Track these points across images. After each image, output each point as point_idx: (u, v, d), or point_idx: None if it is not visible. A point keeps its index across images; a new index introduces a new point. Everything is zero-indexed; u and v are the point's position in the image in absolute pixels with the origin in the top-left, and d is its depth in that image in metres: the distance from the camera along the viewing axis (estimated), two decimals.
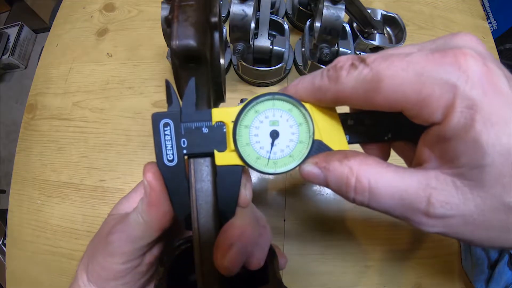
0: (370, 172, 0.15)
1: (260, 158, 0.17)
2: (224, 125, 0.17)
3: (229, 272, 0.16)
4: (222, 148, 0.17)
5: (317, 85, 0.16)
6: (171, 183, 0.17)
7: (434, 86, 0.13)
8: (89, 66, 0.49)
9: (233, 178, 0.17)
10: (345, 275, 0.38)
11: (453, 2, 0.54)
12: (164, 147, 0.16)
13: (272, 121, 0.17)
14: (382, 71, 0.13)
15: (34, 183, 0.43)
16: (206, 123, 0.17)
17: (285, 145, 0.17)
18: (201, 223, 0.17)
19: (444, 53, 0.13)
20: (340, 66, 0.15)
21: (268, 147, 0.17)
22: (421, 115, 0.13)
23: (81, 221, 0.41)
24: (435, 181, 0.14)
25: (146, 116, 0.44)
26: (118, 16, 0.52)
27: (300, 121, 0.17)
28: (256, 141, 0.17)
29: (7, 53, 1.35)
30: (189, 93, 0.16)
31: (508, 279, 0.34)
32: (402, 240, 0.39)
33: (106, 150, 0.43)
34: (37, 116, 0.47)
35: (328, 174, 0.16)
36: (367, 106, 0.15)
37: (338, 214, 0.39)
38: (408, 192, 0.14)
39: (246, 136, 0.17)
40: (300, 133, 0.17)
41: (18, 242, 0.42)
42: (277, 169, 0.17)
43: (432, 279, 0.38)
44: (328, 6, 0.35)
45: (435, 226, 0.14)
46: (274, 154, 0.17)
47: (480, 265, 0.36)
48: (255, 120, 0.17)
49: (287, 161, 0.17)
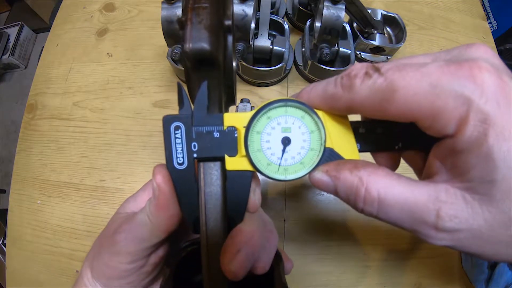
0: (380, 183, 0.15)
1: (271, 165, 0.17)
2: (235, 130, 0.17)
3: (236, 277, 0.16)
4: (233, 153, 0.17)
5: (330, 93, 0.16)
6: (181, 186, 0.17)
7: (448, 98, 0.12)
8: (89, 66, 0.49)
9: (243, 183, 0.17)
10: (345, 275, 0.38)
11: (453, 2, 0.54)
12: (174, 150, 0.16)
13: (284, 128, 0.17)
14: (397, 81, 0.13)
15: (34, 183, 0.43)
16: (217, 127, 0.17)
17: (296, 152, 0.17)
18: (209, 227, 0.17)
19: (460, 66, 0.13)
20: (354, 74, 0.15)
21: (279, 153, 0.17)
22: (434, 126, 0.13)
23: (81, 221, 0.41)
24: (444, 195, 0.14)
25: (146, 116, 0.44)
26: (118, 16, 0.52)
27: (312, 128, 0.17)
28: (267, 147, 0.17)
29: (7, 53, 1.36)
30: (201, 97, 0.16)
31: (508, 279, 0.34)
32: (402, 240, 0.39)
33: (106, 150, 0.43)
34: (37, 116, 0.47)
35: (338, 183, 0.16)
36: (380, 115, 0.15)
37: (338, 214, 0.39)
38: (418, 205, 0.14)
39: (258, 142, 0.17)
40: (311, 140, 0.17)
41: (18, 242, 0.42)
42: (288, 176, 0.17)
43: (432, 279, 0.38)
44: (328, 6, 0.35)
45: (443, 239, 0.14)
46: (285, 161, 0.17)
47: (480, 265, 0.36)
48: (267, 127, 0.17)
49: (298, 168, 0.17)
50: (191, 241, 0.20)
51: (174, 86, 0.46)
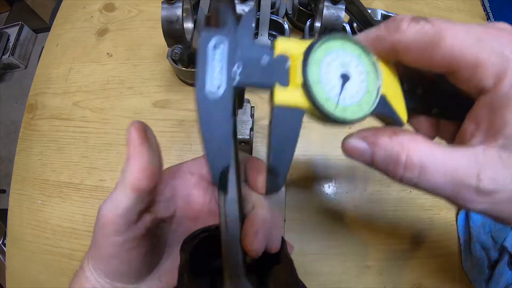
0: (421, 149, 0.14)
1: (329, 100, 0.14)
2: (288, 59, 0.14)
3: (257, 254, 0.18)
4: (284, 83, 0.14)
5: (375, 34, 0.16)
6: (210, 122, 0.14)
7: (490, 53, 0.14)
8: (89, 66, 0.49)
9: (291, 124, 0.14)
10: (345, 275, 0.38)
11: (453, 2, 0.54)
12: (209, 73, 0.13)
13: (342, 63, 0.15)
14: (445, 30, 0.14)
15: (34, 183, 0.43)
16: (266, 53, 0.14)
17: (355, 91, 0.15)
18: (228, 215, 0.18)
19: (500, 31, 0.14)
20: (400, 18, 0.15)
21: (337, 90, 0.15)
22: (473, 79, 0.14)
23: (81, 221, 0.41)
24: (482, 157, 0.14)
25: (146, 116, 0.44)
26: (118, 16, 0.52)
27: (369, 69, 0.15)
28: (326, 81, 0.15)
29: (7, 53, 1.35)
30: (248, 18, 0.14)
31: (508, 279, 0.34)
32: (402, 240, 0.39)
33: (106, 150, 0.43)
34: (37, 116, 0.47)
35: (376, 149, 0.15)
36: (422, 62, 0.15)
37: (338, 214, 0.39)
38: (459, 170, 0.14)
39: (317, 73, 0.14)
40: (368, 81, 0.15)
41: (18, 242, 0.42)
42: (347, 116, 0.15)
43: (432, 279, 0.38)
44: (328, 6, 0.35)
45: (483, 203, 0.14)
46: (344, 100, 0.15)
47: (480, 265, 0.36)
48: (327, 58, 0.15)
49: (356, 110, 0.15)
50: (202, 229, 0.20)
51: (174, 86, 0.46)
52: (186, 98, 0.45)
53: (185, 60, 0.42)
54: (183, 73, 0.43)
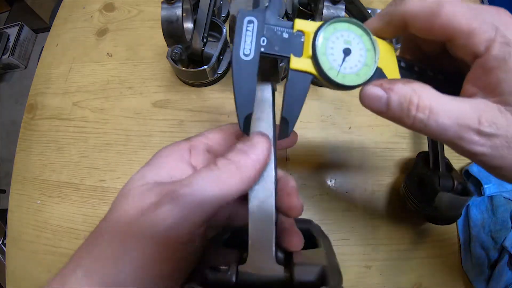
0: (431, 94, 0.17)
1: (332, 69, 0.18)
2: (303, 34, 0.18)
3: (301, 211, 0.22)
4: (299, 54, 0.18)
5: (386, 11, 0.19)
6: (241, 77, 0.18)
7: (482, 23, 0.16)
8: (89, 66, 0.49)
9: (301, 84, 0.19)
10: (345, 275, 0.37)
11: None
12: (243, 42, 0.18)
13: (346, 41, 0.19)
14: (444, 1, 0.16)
15: (34, 183, 0.43)
16: (287, 29, 0.18)
17: (354, 63, 0.19)
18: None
19: (489, 7, 0.17)
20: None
21: (340, 61, 0.18)
22: (467, 45, 0.16)
23: (81, 221, 0.41)
24: (484, 106, 0.16)
25: (146, 116, 0.44)
26: (118, 16, 0.52)
27: (368, 47, 0.19)
28: (330, 53, 0.18)
29: (7, 53, 1.35)
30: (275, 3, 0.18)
31: (508, 279, 0.34)
32: (402, 240, 0.39)
33: (106, 150, 0.43)
34: (37, 116, 0.47)
35: (392, 94, 0.17)
36: (426, 30, 0.17)
37: (337, 214, 0.39)
38: (462, 113, 0.16)
39: (324, 47, 0.18)
40: (367, 57, 0.19)
41: (18, 242, 0.42)
42: (345, 82, 0.18)
43: (432, 279, 0.38)
44: (328, 6, 0.35)
45: (483, 145, 0.16)
46: (344, 69, 0.18)
47: (480, 265, 0.36)
48: (333, 36, 0.19)
49: (354, 78, 0.19)
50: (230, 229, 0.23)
51: (174, 86, 0.46)
52: (186, 98, 0.45)
53: (185, 60, 0.42)
54: (183, 73, 0.43)
